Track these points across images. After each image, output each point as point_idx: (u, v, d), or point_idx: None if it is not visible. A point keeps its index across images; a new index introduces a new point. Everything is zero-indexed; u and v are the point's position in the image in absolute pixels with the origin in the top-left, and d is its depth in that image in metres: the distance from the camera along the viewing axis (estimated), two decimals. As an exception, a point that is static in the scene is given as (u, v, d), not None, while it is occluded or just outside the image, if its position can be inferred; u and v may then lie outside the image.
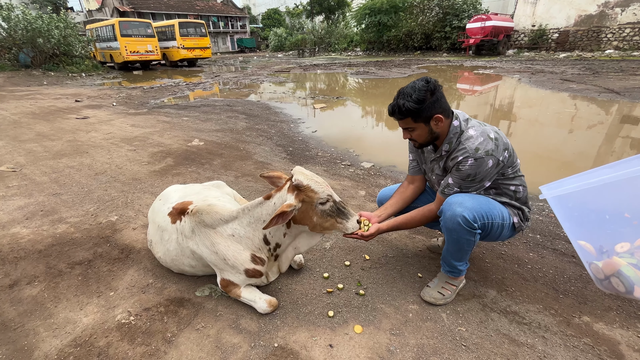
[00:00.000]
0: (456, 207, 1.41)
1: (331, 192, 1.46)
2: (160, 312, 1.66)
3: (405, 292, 1.76)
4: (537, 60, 15.58)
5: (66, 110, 7.25)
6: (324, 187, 1.44)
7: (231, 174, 3.43)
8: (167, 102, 8.27)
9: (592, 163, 3.71)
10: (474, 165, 1.40)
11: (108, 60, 19.05)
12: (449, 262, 1.60)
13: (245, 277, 1.58)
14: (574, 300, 1.68)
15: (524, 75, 10.65)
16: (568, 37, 19.17)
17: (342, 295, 1.76)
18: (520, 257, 2.04)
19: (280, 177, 1.62)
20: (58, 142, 4.72)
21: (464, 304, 1.67)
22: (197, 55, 20.59)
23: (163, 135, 4.99)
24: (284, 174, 1.63)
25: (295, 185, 1.41)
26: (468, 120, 1.50)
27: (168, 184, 3.25)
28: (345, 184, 3.19)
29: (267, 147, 4.41)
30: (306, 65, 19.24)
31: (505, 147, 1.44)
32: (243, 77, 13.89)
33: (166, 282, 1.87)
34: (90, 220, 2.58)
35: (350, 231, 1.51)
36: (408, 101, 1.38)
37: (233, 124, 5.69)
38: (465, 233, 1.43)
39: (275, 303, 1.62)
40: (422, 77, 1.41)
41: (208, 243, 1.58)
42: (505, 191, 1.54)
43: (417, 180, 1.83)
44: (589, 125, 5.10)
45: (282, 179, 1.61)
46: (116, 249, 2.20)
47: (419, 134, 1.48)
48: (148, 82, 13.02)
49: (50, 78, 14.52)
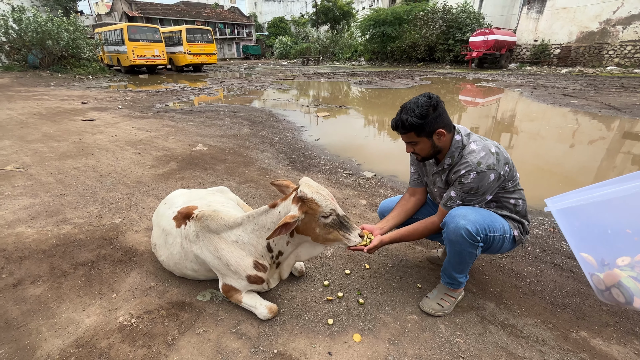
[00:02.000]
0: (459, 219, 1.44)
1: (335, 205, 1.49)
2: (161, 315, 1.68)
3: (404, 302, 1.77)
4: (539, 75, 15.73)
5: (72, 112, 7.34)
6: (328, 200, 1.47)
7: (234, 180, 3.47)
8: (172, 107, 8.37)
9: (593, 178, 3.74)
10: (476, 178, 1.43)
11: (115, 64, 19.32)
12: (450, 273, 1.62)
13: (247, 283, 1.60)
14: (572, 315, 1.69)
15: (525, 89, 10.75)
16: (570, 53, 19.38)
17: (342, 303, 1.77)
18: (519, 270, 2.05)
19: (289, 186, 1.65)
20: (64, 143, 4.78)
21: (462, 315, 1.68)
22: (203, 60, 20.86)
23: (167, 140, 5.05)
24: (292, 184, 1.66)
25: (300, 197, 1.44)
26: (470, 134, 1.54)
27: (172, 187, 3.29)
28: (347, 192, 3.22)
29: (270, 154, 4.45)
30: (310, 73, 19.46)
31: (506, 162, 1.48)
32: (248, 84, 14.05)
33: (168, 286, 1.89)
34: (94, 221, 2.62)
35: (351, 244, 1.54)
36: (411, 116, 1.42)
37: (237, 130, 5.75)
38: (467, 245, 1.46)
39: (275, 309, 1.64)
40: (425, 92, 1.46)
41: (212, 248, 1.61)
42: (506, 204, 1.57)
43: (419, 192, 1.86)
44: (589, 140, 5.14)
45: (290, 188, 1.64)
46: (119, 251, 2.22)
47: (421, 148, 1.52)
48: (154, 86, 13.18)
49: (57, 79, 14.71)
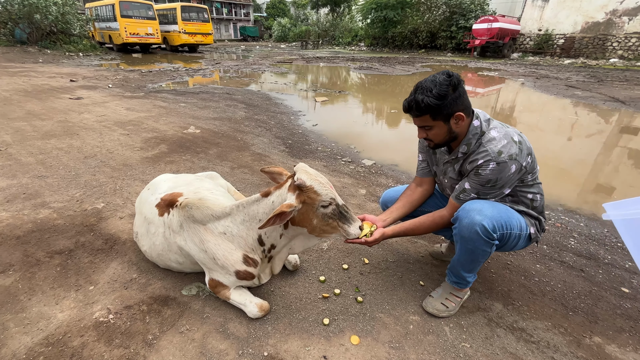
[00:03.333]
0: (475, 214, 1.30)
1: (335, 194, 1.35)
2: (142, 311, 1.54)
3: (405, 301, 1.65)
4: (542, 65, 15.46)
5: (60, 90, 7.02)
6: (328, 188, 1.32)
7: (227, 165, 3.30)
8: (164, 87, 8.05)
9: (603, 172, 3.62)
10: (495, 169, 1.28)
11: (107, 41, 18.61)
12: (458, 272, 1.49)
13: (235, 279, 1.46)
14: (584, 319, 1.58)
15: (528, 80, 10.53)
16: (574, 44, 19.04)
17: (339, 301, 1.64)
18: (527, 268, 1.94)
19: (282, 174, 1.50)
20: (48, 122, 4.53)
21: (468, 317, 1.57)
22: (199, 41, 20.17)
23: (158, 121, 4.82)
24: (285, 171, 1.50)
25: (298, 185, 1.29)
26: (490, 120, 1.38)
27: (160, 171, 3.10)
28: (345, 181, 3.07)
29: (266, 138, 4.26)
30: (309, 57, 18.96)
31: (529, 152, 1.33)
32: (244, 66, 13.63)
33: (151, 278, 1.75)
34: (75, 206, 2.44)
35: (351, 237, 1.41)
36: (428, 96, 1.25)
37: (232, 113, 5.52)
38: (482, 243, 1.32)
39: (266, 307, 1.51)
40: (443, 70, 1.28)
41: (197, 240, 1.46)
42: (523, 199, 1.43)
43: (426, 182, 1.71)
44: (595, 133, 5.01)
45: (283, 176, 1.49)
46: (100, 239, 2.06)
47: (436, 133, 1.36)
48: (147, 65, 12.72)
49: (46, 56, 14.15)
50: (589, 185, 3.31)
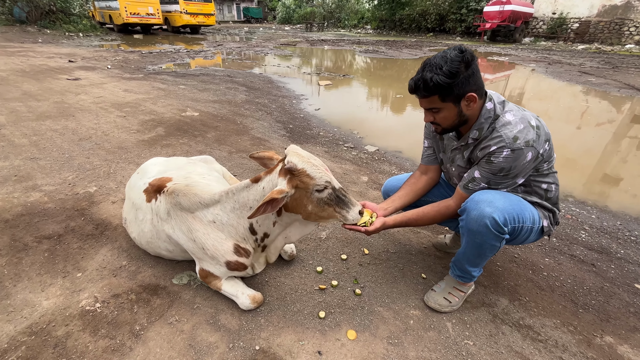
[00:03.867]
0: (484, 206, 1.19)
1: (330, 177, 1.24)
2: (130, 300, 1.48)
3: (406, 295, 1.57)
4: (554, 51, 14.91)
5: (58, 70, 6.87)
6: (322, 171, 1.22)
7: (225, 149, 3.19)
8: (164, 69, 7.86)
9: (617, 162, 3.46)
10: (509, 157, 1.16)
11: (107, 22, 18.20)
12: (463, 266, 1.40)
13: (226, 269, 1.38)
14: (595, 317, 1.50)
15: (540, 65, 10.16)
16: (589, 28, 18.30)
17: (336, 293, 1.57)
18: (535, 262, 1.84)
19: (272, 158, 1.39)
20: (44, 103, 4.43)
21: (472, 312, 1.49)
22: (201, 22, 19.66)
23: (156, 103, 4.69)
24: (276, 155, 1.40)
25: (288, 169, 1.19)
26: (505, 102, 1.25)
27: (156, 155, 3.01)
28: (347, 167, 2.96)
29: (266, 122, 4.13)
30: (313, 39, 18.46)
31: (547, 138, 1.21)
32: (247, 48, 13.30)
33: (141, 266, 1.68)
34: (67, 189, 2.37)
35: (350, 222, 1.31)
36: (437, 74, 1.12)
37: (232, 96, 5.37)
38: (491, 237, 1.22)
39: (259, 299, 1.44)
40: (455, 46, 1.15)
41: (185, 229, 1.37)
42: (536, 190, 1.32)
43: (432, 170, 1.60)
44: (607, 120, 4.81)
45: (274, 160, 1.38)
46: (91, 224, 1.99)
47: (444, 117, 1.23)
48: (147, 46, 12.44)
49: (45, 36, 13.88)
50: (601, 175, 3.17)
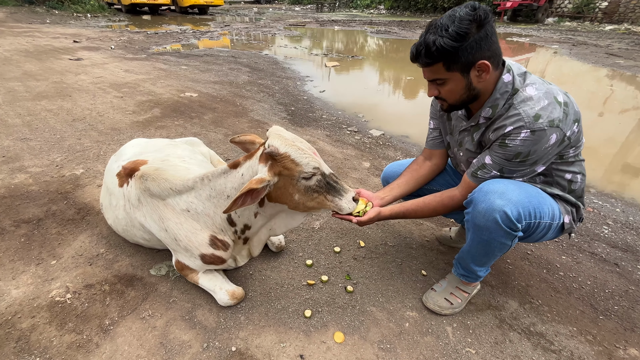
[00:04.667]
0: (495, 198, 1.01)
1: (319, 161, 1.08)
2: (103, 292, 1.38)
3: (403, 294, 1.42)
4: (579, 32, 14.00)
5: (61, 51, 6.77)
6: (309, 155, 1.06)
7: (220, 132, 3.04)
8: (168, 49, 7.67)
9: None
10: (529, 140, 0.97)
11: (115, 2, 17.95)
12: (467, 265, 1.24)
13: (201, 263, 1.25)
14: (618, 325, 1.32)
15: (563, 47, 9.52)
16: (618, 7, 17.06)
17: (326, 290, 1.43)
18: (551, 260, 1.66)
19: (254, 142, 1.24)
20: (43, 83, 4.33)
21: (476, 316, 1.33)
22: (209, 2, 19.16)
23: (156, 84, 4.54)
24: (258, 138, 1.25)
25: (269, 153, 1.03)
26: (526, 74, 1.04)
27: (149, 136, 2.88)
28: (349, 152, 2.78)
29: (267, 104, 3.95)
30: (324, 20, 17.83)
31: (576, 118, 1.01)
32: (254, 29, 12.93)
33: (119, 254, 1.57)
34: (54, 171, 2.27)
35: (344, 212, 1.16)
36: (442, 36, 0.92)
37: (234, 77, 5.17)
38: (501, 235, 1.04)
39: (239, 295, 1.31)
40: (468, 2, 0.94)
41: (156, 217, 1.24)
42: (559, 180, 1.12)
43: (437, 155, 1.42)
44: (634, 107, 4.44)
45: (255, 144, 1.23)
46: (72, 208, 1.89)
47: (450, 90, 1.04)
48: (154, 27, 12.22)
49: (54, 16, 13.80)
50: (627, 165, 2.90)
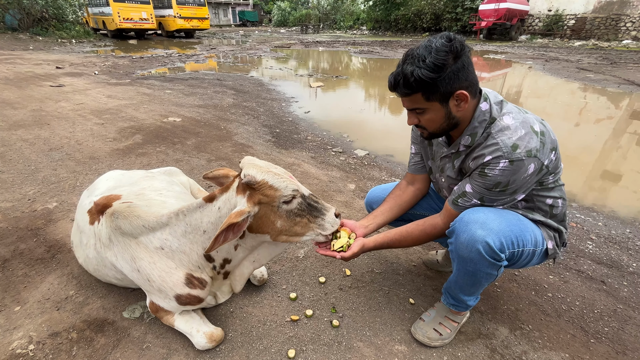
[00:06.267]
0: (476, 228, 0.99)
1: (297, 184, 1.07)
2: (70, 340, 1.28)
3: (391, 325, 1.37)
4: (551, 48, 14.76)
5: (43, 77, 6.69)
6: (286, 179, 1.05)
7: (203, 157, 2.99)
8: (153, 73, 7.68)
9: (623, 163, 3.27)
10: (507, 169, 0.97)
11: (101, 27, 18.07)
12: (456, 295, 1.20)
13: (176, 304, 1.18)
14: (610, 348, 1.29)
15: (537, 63, 9.98)
16: (585, 25, 18.15)
17: (311, 325, 1.37)
18: (539, 280, 1.64)
19: (227, 175, 1.22)
20: (21, 111, 4.23)
21: (466, 346, 1.28)
22: (195, 26, 19.53)
23: (138, 109, 4.49)
24: (231, 171, 1.22)
25: (246, 183, 1.00)
26: (503, 103, 1.05)
27: (130, 165, 2.81)
28: (334, 174, 2.76)
29: (252, 127, 3.94)
30: (308, 41, 18.32)
31: (553, 146, 1.01)
32: (240, 51, 13.14)
33: (90, 296, 1.48)
34: (25, 206, 2.17)
35: (329, 230, 1.12)
36: (420, 67, 0.92)
37: (219, 100, 5.17)
38: (486, 265, 1.02)
39: (218, 337, 1.23)
40: (442, 33, 0.95)
41: (128, 257, 1.17)
42: (540, 205, 1.12)
43: (419, 180, 1.41)
44: (611, 118, 4.62)
45: (229, 177, 1.20)
46: (42, 246, 1.79)
47: (431, 119, 1.03)
48: (139, 52, 12.28)
49: (37, 43, 13.73)
50: (605, 177, 2.97)
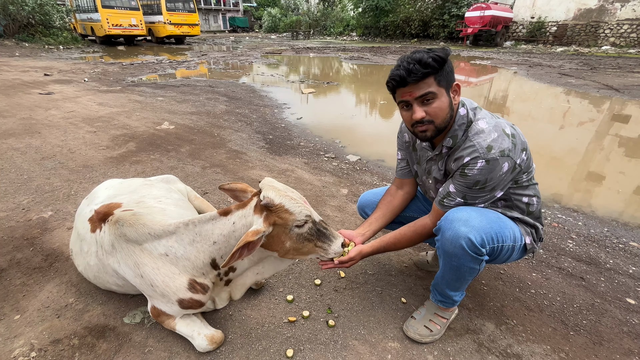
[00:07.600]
0: (459, 225, 1.08)
1: (310, 210, 1.15)
2: (72, 346, 1.30)
3: (384, 324, 1.44)
4: (535, 54, 15.25)
5: (31, 85, 6.62)
6: (301, 204, 1.12)
7: (198, 164, 3.03)
8: (144, 80, 7.67)
9: (602, 164, 3.43)
10: (484, 168, 1.05)
11: (89, 33, 17.90)
12: (443, 291, 1.28)
13: (179, 308, 1.22)
14: (587, 340, 1.38)
15: (521, 68, 10.32)
16: (566, 31, 18.82)
17: (307, 326, 1.42)
18: (522, 278, 1.73)
19: (246, 191, 1.28)
20: (10, 120, 4.20)
21: (455, 342, 1.36)
22: (185, 32, 19.51)
23: (131, 117, 4.50)
24: (250, 187, 1.28)
25: (265, 205, 1.07)
26: (477, 109, 1.14)
27: (124, 173, 2.83)
28: (327, 180, 2.83)
29: (245, 134, 3.99)
30: (299, 47, 18.49)
31: (523, 147, 1.11)
32: (231, 57, 13.19)
33: (90, 303, 1.51)
34: (19, 215, 2.17)
35: (331, 256, 1.21)
36: (428, 54, 1.02)
37: (211, 107, 5.21)
38: (468, 260, 1.10)
39: (218, 339, 1.28)
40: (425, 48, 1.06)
41: (131, 263, 1.21)
42: (517, 204, 1.21)
43: (407, 184, 1.49)
44: (590, 122, 4.82)
45: (247, 193, 1.27)
46: (39, 255, 1.81)
47: (439, 107, 1.07)
48: (129, 58, 12.22)
49: (23, 49, 13.54)
50: (585, 178, 3.12)
